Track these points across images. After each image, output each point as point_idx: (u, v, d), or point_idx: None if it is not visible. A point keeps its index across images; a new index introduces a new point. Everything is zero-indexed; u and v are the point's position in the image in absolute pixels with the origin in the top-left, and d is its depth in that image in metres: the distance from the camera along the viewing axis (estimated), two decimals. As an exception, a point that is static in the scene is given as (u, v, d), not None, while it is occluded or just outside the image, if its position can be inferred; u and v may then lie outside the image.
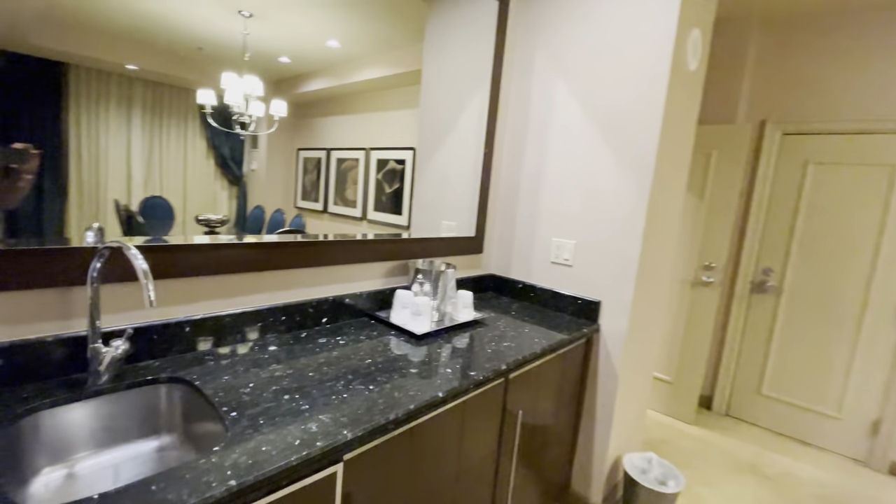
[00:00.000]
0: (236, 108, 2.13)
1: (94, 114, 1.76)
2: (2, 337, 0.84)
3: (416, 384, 1.02)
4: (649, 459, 1.80)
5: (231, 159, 2.25)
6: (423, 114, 1.97)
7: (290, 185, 2.47)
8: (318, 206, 2.49)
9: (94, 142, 1.79)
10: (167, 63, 1.90)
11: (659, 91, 1.51)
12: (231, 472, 0.67)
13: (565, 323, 1.64)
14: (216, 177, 2.22)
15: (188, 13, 1.78)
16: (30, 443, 0.79)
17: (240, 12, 1.87)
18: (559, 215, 1.80)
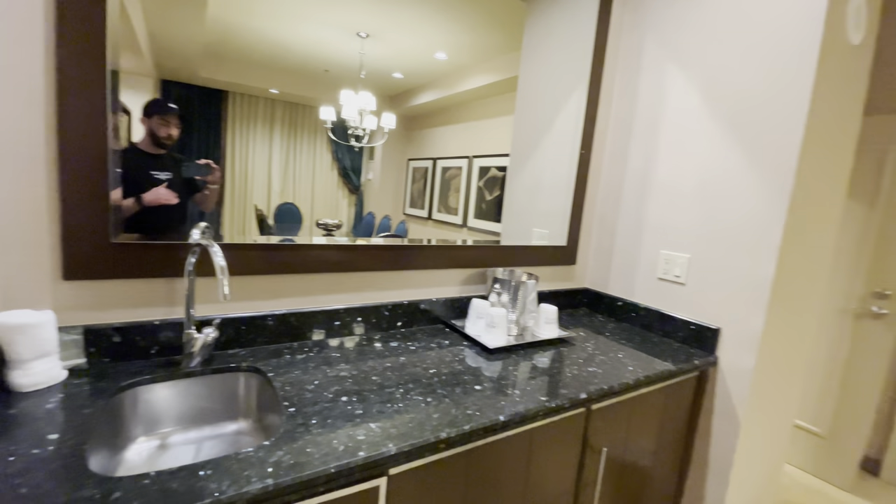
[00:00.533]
0: (352, 122, 2.30)
1: (244, 133, 2.06)
2: (122, 318, 0.97)
3: (478, 402, 0.94)
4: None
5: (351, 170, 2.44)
6: (518, 118, 1.89)
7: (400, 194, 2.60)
8: (423, 214, 2.57)
9: (244, 156, 2.09)
10: (300, 85, 2.14)
11: (804, 72, 1.21)
12: (271, 469, 0.67)
13: (672, 351, 1.40)
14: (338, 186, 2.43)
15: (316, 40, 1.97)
16: (129, 413, 0.90)
17: (357, 34, 2.03)
18: (669, 225, 1.56)
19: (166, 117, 1.17)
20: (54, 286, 0.90)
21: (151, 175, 1.11)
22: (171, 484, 0.62)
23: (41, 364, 0.83)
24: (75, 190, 0.88)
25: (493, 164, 2.09)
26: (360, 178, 2.44)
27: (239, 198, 2.11)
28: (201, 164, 1.19)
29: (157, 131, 1.14)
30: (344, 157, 2.38)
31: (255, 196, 2.20)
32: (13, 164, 0.83)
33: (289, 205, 2.40)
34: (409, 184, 2.59)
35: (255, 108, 2.12)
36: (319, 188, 2.45)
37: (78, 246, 0.90)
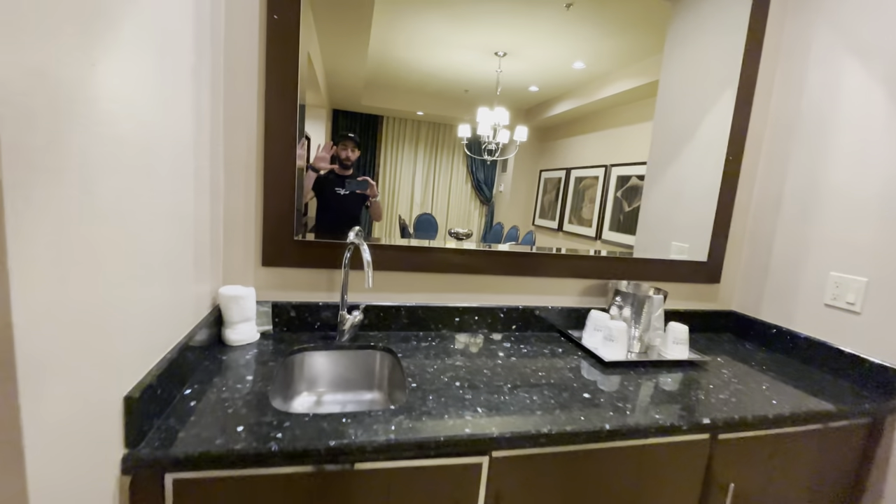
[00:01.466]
0: (485, 138, 2.47)
1: (394, 151, 2.39)
2: (297, 298, 1.26)
3: (585, 410, 0.96)
4: None
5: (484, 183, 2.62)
6: (658, 124, 1.80)
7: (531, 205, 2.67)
8: (553, 225, 2.59)
9: (394, 172, 2.42)
10: (442, 106, 2.39)
11: None
12: (394, 428, 0.81)
13: (836, 390, 1.19)
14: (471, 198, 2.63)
15: (457, 63, 2.19)
16: (297, 372, 1.16)
17: (495, 53, 2.18)
18: (842, 242, 1.31)
19: (346, 143, 1.48)
20: (255, 270, 1.22)
21: (335, 191, 1.43)
22: (322, 423, 0.81)
23: (245, 326, 1.14)
24: (273, 202, 1.18)
25: (634, 173, 2.01)
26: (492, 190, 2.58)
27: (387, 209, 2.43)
28: (360, 181, 1.47)
29: (340, 154, 1.45)
30: (478, 170, 2.54)
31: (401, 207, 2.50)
32: (244, 187, 1.16)
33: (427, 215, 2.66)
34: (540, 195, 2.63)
35: (404, 130, 2.42)
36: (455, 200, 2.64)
37: (271, 242, 1.20)
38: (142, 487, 0.71)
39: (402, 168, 2.48)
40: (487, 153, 2.51)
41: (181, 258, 0.89)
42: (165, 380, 0.80)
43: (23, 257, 0.44)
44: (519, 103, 2.46)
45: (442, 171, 2.48)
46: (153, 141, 0.73)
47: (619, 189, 2.09)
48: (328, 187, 1.41)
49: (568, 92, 2.44)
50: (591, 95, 2.33)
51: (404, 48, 2.04)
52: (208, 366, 1.01)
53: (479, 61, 2.21)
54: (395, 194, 2.49)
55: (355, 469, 0.79)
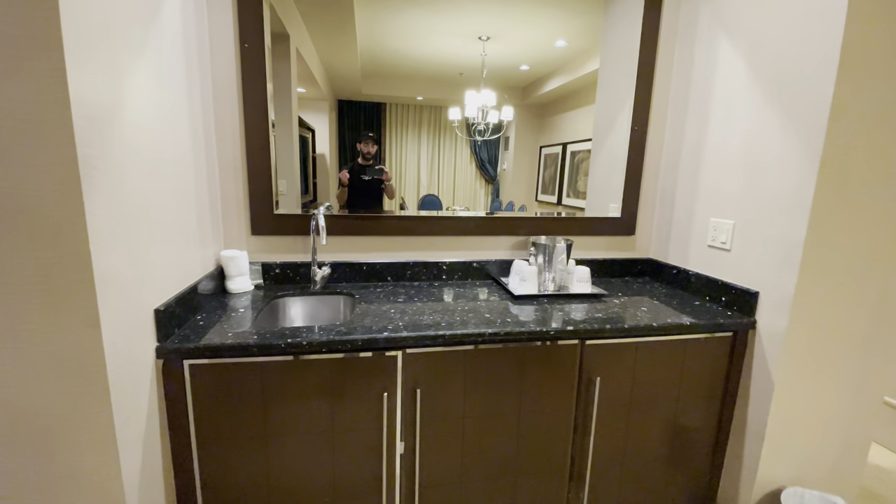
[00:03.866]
0: (472, 119, 2.74)
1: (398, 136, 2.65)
2: (281, 258, 1.65)
3: (482, 323, 1.31)
4: (800, 495, 1.39)
5: (488, 162, 2.86)
6: (599, 104, 2.06)
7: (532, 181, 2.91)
8: (553, 199, 2.85)
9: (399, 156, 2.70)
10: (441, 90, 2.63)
11: (836, 15, 1.19)
12: (334, 332, 1.19)
13: (708, 312, 1.49)
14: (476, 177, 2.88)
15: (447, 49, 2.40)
16: (280, 311, 1.56)
17: (479, 38, 2.43)
18: (717, 192, 1.60)
19: (366, 141, 1.89)
20: (247, 238, 1.61)
21: (361, 177, 1.82)
22: (286, 331, 1.19)
23: (241, 279, 1.54)
24: (255, 186, 1.56)
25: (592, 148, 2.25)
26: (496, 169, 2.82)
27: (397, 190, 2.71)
28: (377, 168, 1.87)
29: (362, 149, 1.85)
30: (481, 149, 2.77)
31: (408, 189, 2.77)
32: (233, 175, 1.55)
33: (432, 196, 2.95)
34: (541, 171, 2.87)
35: (406, 115, 2.66)
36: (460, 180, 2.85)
37: (257, 216, 1.59)
38: (169, 368, 1.12)
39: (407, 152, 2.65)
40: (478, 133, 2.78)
41: (187, 227, 1.29)
42: (182, 306, 1.20)
43: (93, 220, 0.83)
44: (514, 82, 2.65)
45: (446, 153, 2.60)
46: (159, 147, 1.12)
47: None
48: (356, 176, 1.81)
49: (556, 69, 2.65)
50: (576, 71, 2.55)
51: (394, 38, 2.18)
52: (214, 304, 1.41)
53: (466, 46, 2.36)
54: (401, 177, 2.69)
55: (304, 359, 1.17)
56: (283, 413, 1.19)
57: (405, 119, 2.64)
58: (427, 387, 1.27)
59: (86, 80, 0.82)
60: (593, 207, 2.02)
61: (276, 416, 1.19)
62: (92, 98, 0.84)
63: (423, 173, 2.78)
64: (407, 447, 1.30)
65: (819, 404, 1.44)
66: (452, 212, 2.91)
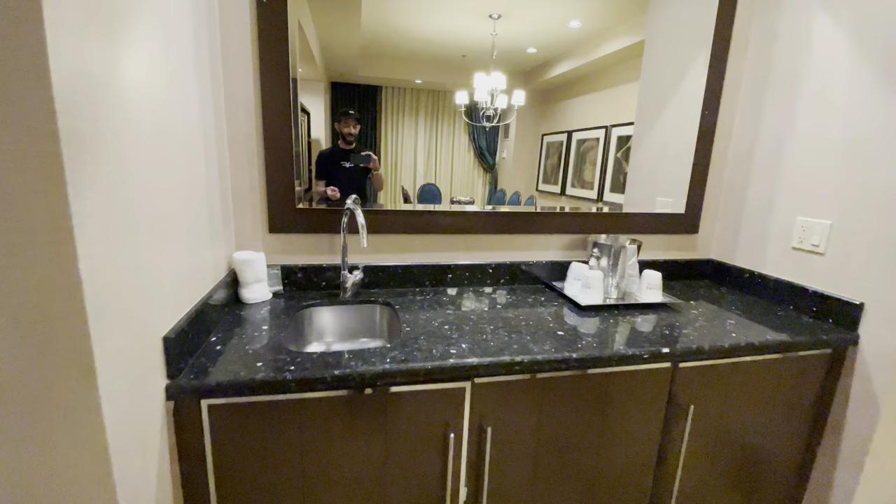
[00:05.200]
0: (483, 104, 2.51)
1: (395, 122, 2.44)
2: (304, 260, 1.39)
3: (557, 343, 1.09)
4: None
5: (486, 150, 2.66)
6: (644, 83, 1.85)
7: (534, 170, 2.71)
8: (556, 189, 2.65)
9: (395, 143, 2.48)
10: (440, 73, 2.41)
11: None
12: (388, 360, 0.96)
13: (799, 325, 1.30)
14: (474, 166, 2.67)
15: (452, 27, 2.20)
16: (306, 325, 1.31)
17: (490, 16, 2.20)
18: (807, 188, 1.40)
19: (347, 120, 1.58)
20: (264, 237, 1.35)
21: (341, 164, 1.53)
22: (328, 359, 0.95)
23: (258, 286, 1.28)
24: (274, 173, 1.30)
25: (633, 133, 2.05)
26: (494, 157, 2.62)
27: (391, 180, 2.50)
28: (364, 155, 1.58)
29: (342, 130, 1.56)
30: (479, 137, 2.58)
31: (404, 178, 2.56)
32: (247, 160, 1.28)
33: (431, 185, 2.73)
34: (542, 160, 2.67)
35: (403, 99, 2.45)
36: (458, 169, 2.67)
37: (276, 211, 1.32)
38: (183, 410, 0.87)
39: (404, 138, 2.49)
40: (486, 119, 2.56)
41: (197, 225, 1.02)
42: (194, 327, 0.95)
43: (82, 219, 0.57)
44: (517, 66, 2.46)
45: (444, 140, 2.56)
46: (166, 121, 0.85)
47: (620, 150, 2.15)
48: (333, 162, 1.51)
49: (566, 52, 2.44)
50: (589, 54, 2.34)
51: (397, 15, 2.03)
52: (229, 319, 1.16)
53: (474, 25, 2.19)
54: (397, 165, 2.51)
55: (358, 394, 0.94)
56: (324, 459, 0.96)
57: (402, 103, 2.43)
58: (498, 423, 1.05)
59: (70, 21, 0.55)
60: (635, 201, 1.81)
61: (315, 462, 0.95)
62: (78, 49, 0.57)
63: (420, 161, 2.57)
64: (471, 492, 1.08)
65: (927, 431, 1.27)
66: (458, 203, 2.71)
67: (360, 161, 1.56)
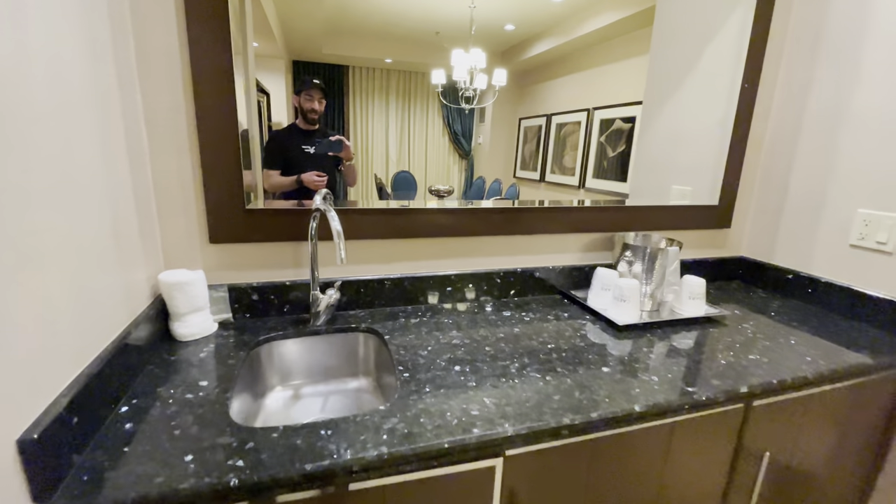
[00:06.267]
0: (462, 84, 2.22)
1: (364, 104, 2.13)
2: (260, 277, 1.06)
3: (606, 386, 0.82)
4: None
5: (462, 135, 2.39)
6: (654, 58, 1.59)
7: (511, 156, 2.49)
8: (535, 176, 2.43)
9: (364, 127, 2.16)
10: (412, 52, 2.11)
11: None
12: (386, 437, 0.66)
13: (867, 339, 1.09)
14: (449, 152, 2.41)
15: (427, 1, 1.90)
16: (266, 364, 0.98)
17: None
18: (871, 174, 1.18)
19: (310, 92, 1.23)
20: (202, 249, 1.01)
21: (302, 149, 1.18)
22: (296, 440, 0.64)
23: (196, 317, 0.95)
24: (214, 164, 0.95)
25: (618, 116, 1.84)
26: (470, 143, 2.38)
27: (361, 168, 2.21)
28: (333, 141, 1.24)
29: (303, 106, 1.20)
30: (454, 121, 2.33)
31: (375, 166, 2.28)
32: (174, 146, 0.92)
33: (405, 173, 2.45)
34: (520, 145, 2.47)
35: (372, 80, 2.15)
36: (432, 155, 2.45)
37: (219, 213, 0.98)
38: (59, 551, 0.54)
39: (374, 122, 2.25)
40: (465, 101, 2.29)
41: (92, 240, 0.68)
42: (86, 401, 0.62)
43: None
44: (493, 45, 2.22)
45: (417, 124, 2.38)
46: (15, 80, 0.50)
47: (603, 134, 1.93)
48: (292, 145, 1.16)
49: (547, 29, 2.21)
50: (573, 31, 2.11)
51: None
52: (152, 371, 0.82)
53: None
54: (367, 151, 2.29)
55: (343, 492, 0.63)
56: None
57: (371, 84, 2.16)
58: (535, 499, 0.78)
59: None
60: (643, 190, 1.56)
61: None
62: None
63: (393, 147, 2.33)
64: (498, 593, 0.80)
65: None
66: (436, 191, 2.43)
67: (328, 148, 1.22)
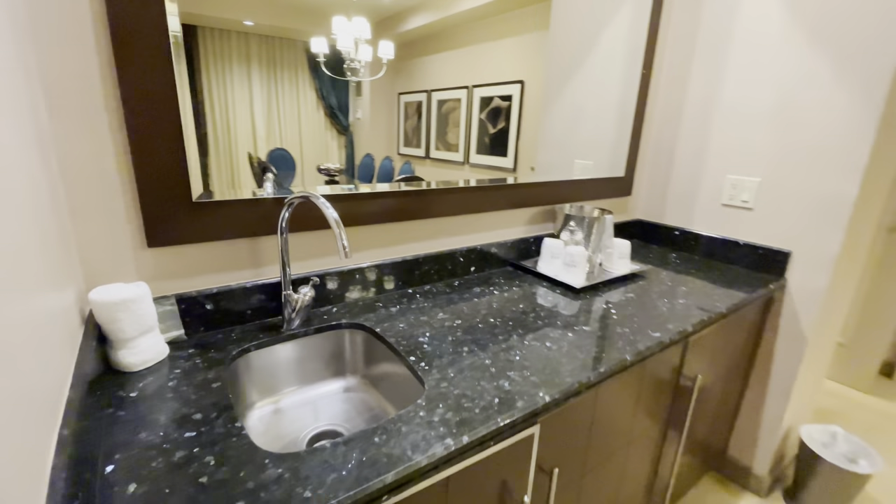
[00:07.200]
0: (347, 55, 2.08)
1: (220, 73, 1.84)
2: (212, 283, 0.90)
3: (598, 343, 0.92)
4: (833, 433, 1.54)
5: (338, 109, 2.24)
6: (554, 38, 1.71)
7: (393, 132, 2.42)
8: (420, 153, 2.41)
9: (223, 99, 1.88)
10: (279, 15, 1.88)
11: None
12: (444, 429, 0.64)
13: (740, 277, 1.40)
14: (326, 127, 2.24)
15: None
16: (245, 380, 0.86)
17: None
18: (737, 147, 1.49)
19: None
20: (136, 255, 0.81)
21: None
22: (352, 453, 0.59)
23: (146, 340, 0.77)
24: (147, 148, 0.76)
25: (497, 94, 1.94)
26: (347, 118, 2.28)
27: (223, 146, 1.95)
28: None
29: None
30: (329, 94, 2.19)
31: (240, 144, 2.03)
32: (89, 125, 0.70)
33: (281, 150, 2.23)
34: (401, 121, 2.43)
35: (229, 45, 1.89)
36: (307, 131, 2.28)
37: (158, 210, 0.79)
38: None
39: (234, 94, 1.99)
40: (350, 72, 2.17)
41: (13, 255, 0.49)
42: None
43: None
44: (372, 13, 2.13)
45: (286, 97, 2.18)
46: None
47: (483, 111, 2.03)
48: None
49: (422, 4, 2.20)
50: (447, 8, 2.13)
51: None
52: (114, 416, 0.65)
53: None
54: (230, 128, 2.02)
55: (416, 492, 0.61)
56: None
57: (227, 50, 1.93)
58: (560, 457, 0.84)
59: None
60: (550, 165, 1.72)
61: None
62: None
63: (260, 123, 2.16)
64: (526, 548, 0.86)
65: (821, 352, 1.55)
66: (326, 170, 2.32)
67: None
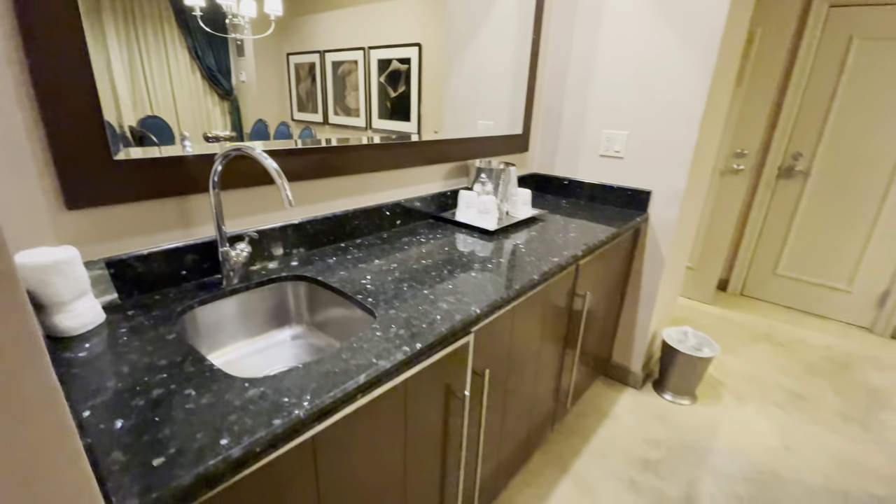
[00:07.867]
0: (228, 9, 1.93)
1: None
2: (141, 245, 0.88)
3: (510, 271, 1.10)
4: (685, 332, 1.99)
5: (218, 71, 2.09)
6: (452, 5, 1.82)
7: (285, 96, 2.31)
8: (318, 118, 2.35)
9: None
10: None
11: (731, -44, 1.40)
12: (399, 341, 0.76)
13: (616, 214, 1.71)
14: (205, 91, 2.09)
15: None
16: (193, 335, 0.88)
17: None
18: (610, 106, 1.76)
19: None
20: (55, 219, 0.77)
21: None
22: (324, 367, 0.68)
23: (84, 303, 0.75)
24: (57, 99, 0.72)
25: (395, 56, 1.98)
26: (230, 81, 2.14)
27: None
28: None
29: None
30: (206, 54, 2.02)
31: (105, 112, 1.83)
32: (-33, 66, 0.64)
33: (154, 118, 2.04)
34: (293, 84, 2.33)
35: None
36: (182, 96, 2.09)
37: (76, 169, 0.76)
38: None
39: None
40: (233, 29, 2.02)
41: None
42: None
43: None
44: None
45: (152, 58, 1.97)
46: None
47: (382, 74, 2.08)
48: None
49: None
50: None
51: None
52: (73, 374, 0.65)
53: None
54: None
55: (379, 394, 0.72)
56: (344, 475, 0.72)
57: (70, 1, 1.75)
58: (489, 362, 1.02)
59: None
60: (455, 126, 1.85)
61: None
62: None
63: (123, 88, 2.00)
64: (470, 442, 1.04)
65: (676, 270, 1.96)
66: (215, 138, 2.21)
67: None
